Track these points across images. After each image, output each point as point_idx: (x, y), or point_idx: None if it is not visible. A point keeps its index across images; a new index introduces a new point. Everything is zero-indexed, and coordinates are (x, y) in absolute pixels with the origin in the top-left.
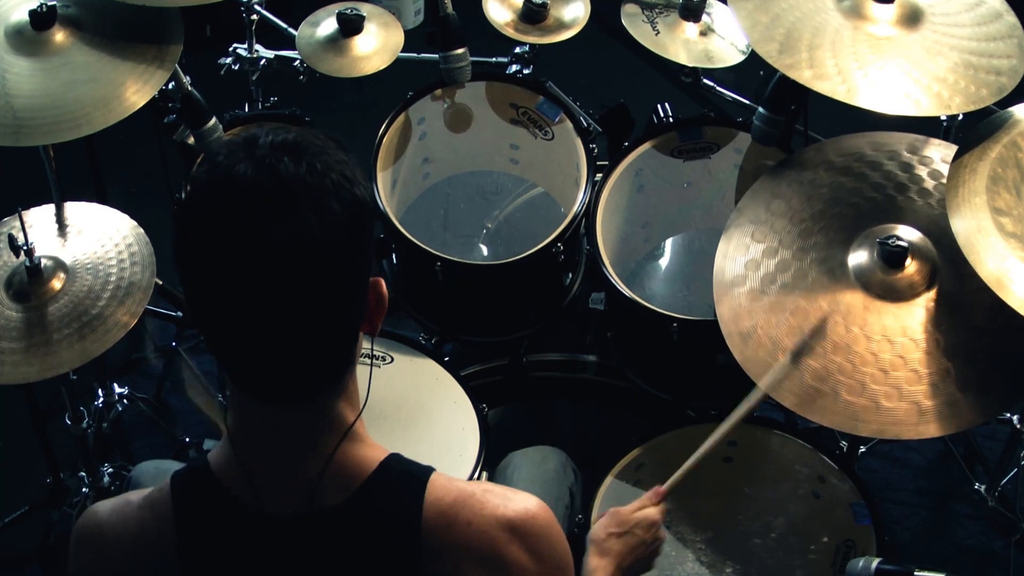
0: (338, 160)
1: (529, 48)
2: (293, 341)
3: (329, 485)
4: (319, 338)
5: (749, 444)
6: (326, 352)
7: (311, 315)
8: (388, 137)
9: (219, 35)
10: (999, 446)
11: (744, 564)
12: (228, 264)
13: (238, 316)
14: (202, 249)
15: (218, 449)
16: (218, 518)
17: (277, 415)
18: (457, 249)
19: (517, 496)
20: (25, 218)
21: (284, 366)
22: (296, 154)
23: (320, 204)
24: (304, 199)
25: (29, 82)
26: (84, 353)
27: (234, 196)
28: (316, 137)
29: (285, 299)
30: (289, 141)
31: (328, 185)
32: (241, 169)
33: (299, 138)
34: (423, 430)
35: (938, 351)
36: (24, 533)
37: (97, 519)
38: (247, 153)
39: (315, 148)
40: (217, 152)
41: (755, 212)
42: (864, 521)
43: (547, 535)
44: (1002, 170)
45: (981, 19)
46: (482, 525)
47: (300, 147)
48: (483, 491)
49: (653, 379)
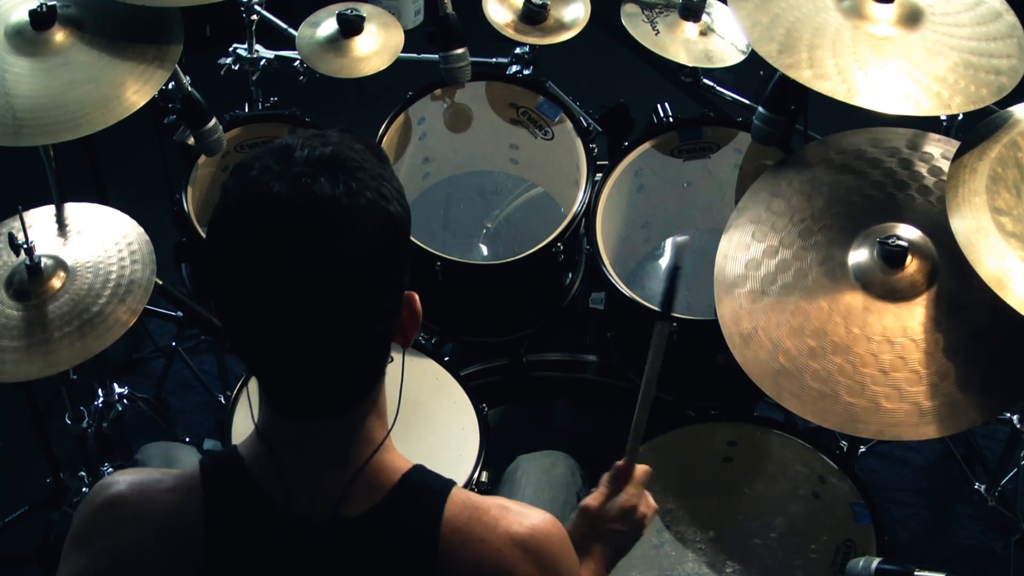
0: (374, 176)
1: (529, 48)
2: (324, 358)
3: (354, 495)
4: (352, 355)
5: (749, 444)
6: (359, 368)
7: (345, 334)
8: (388, 137)
9: (219, 35)
10: (999, 446)
11: (744, 564)
12: (262, 284)
13: (271, 335)
14: (235, 268)
15: (249, 442)
16: (247, 514)
17: (308, 426)
18: (457, 249)
19: (531, 513)
20: (25, 218)
21: (317, 383)
22: (332, 172)
23: (355, 226)
24: (339, 222)
25: (29, 82)
26: (84, 351)
27: (269, 218)
28: (352, 149)
29: (318, 320)
30: (326, 156)
31: (363, 204)
32: (276, 188)
33: (336, 152)
34: (423, 430)
35: (938, 351)
36: (24, 533)
37: (120, 492)
38: (283, 168)
39: (351, 163)
40: (250, 166)
41: (755, 212)
42: (864, 521)
43: (560, 553)
44: (1002, 170)
45: (981, 19)
46: (495, 542)
47: (336, 164)
48: (498, 507)
49: None
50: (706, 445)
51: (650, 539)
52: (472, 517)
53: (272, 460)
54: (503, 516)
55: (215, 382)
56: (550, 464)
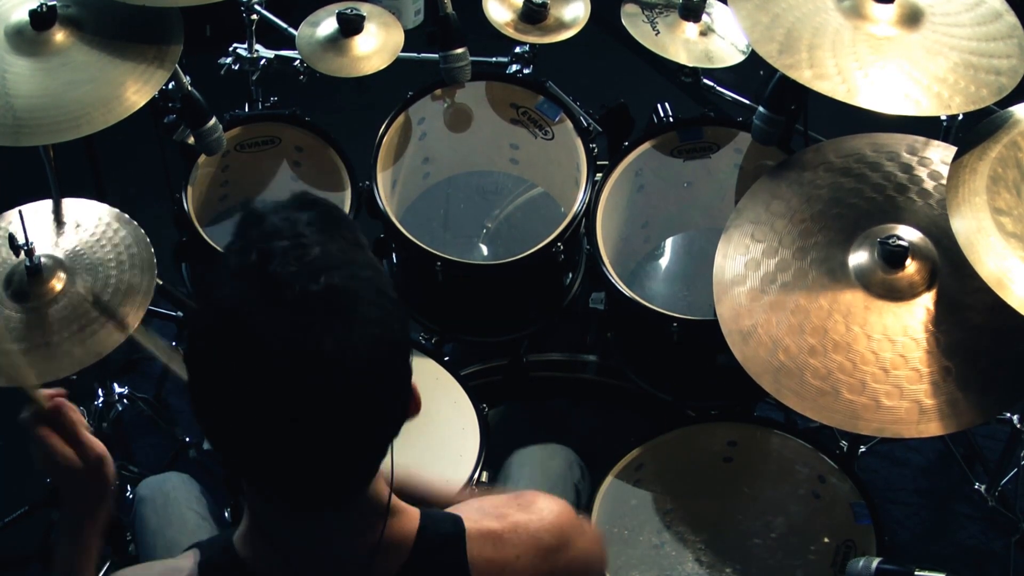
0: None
1: (529, 48)
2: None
3: (378, 566)
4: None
5: (749, 444)
6: (364, 463)
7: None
8: (388, 137)
9: (219, 35)
10: (999, 446)
11: (744, 564)
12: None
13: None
14: (227, 400)
15: (243, 536)
16: None
17: (315, 517)
18: (457, 249)
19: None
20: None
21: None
22: (330, 318)
23: (358, 374)
24: (344, 378)
25: (29, 82)
26: (84, 357)
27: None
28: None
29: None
30: (320, 295)
31: (367, 348)
32: (271, 344)
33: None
34: (423, 430)
35: (939, 350)
36: (24, 533)
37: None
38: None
39: (348, 298)
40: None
41: (755, 212)
42: (864, 521)
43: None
44: (1002, 170)
45: (981, 19)
46: (528, 551)
47: (332, 305)
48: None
49: (653, 379)
50: (706, 445)
51: (650, 539)
52: (498, 542)
53: (275, 552)
54: (521, 527)
55: None
56: (546, 457)
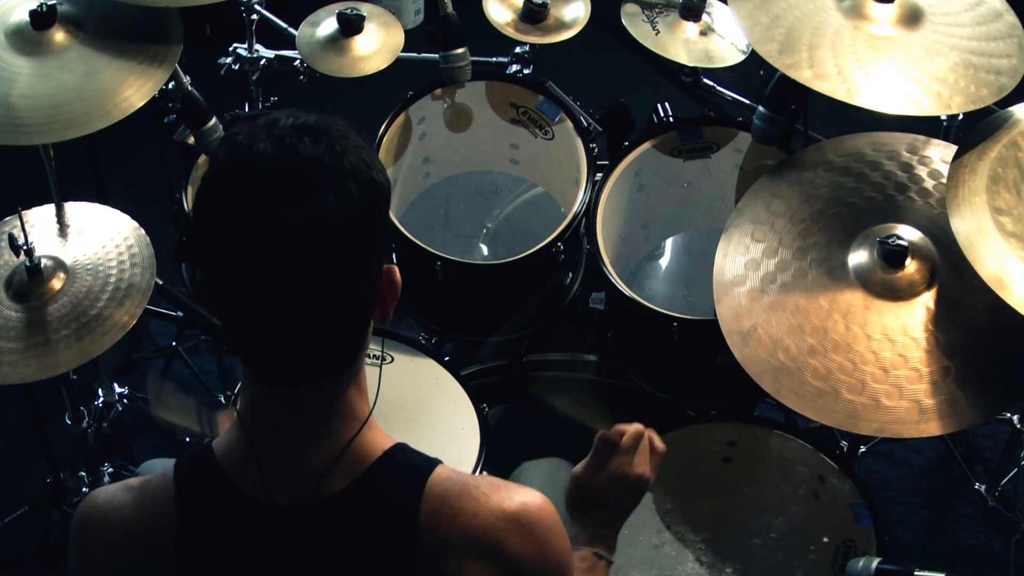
0: (357, 144)
1: (529, 48)
2: (305, 321)
3: (336, 473)
4: (331, 319)
5: (749, 444)
6: (338, 334)
7: (324, 296)
8: (388, 137)
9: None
10: (999, 446)
11: (744, 564)
12: (245, 241)
13: (252, 295)
14: (218, 227)
15: (224, 437)
16: (220, 506)
17: (288, 400)
18: (457, 249)
19: (523, 490)
20: (25, 218)
21: (296, 347)
22: (316, 135)
23: (338, 185)
24: (323, 179)
25: (29, 82)
26: (82, 354)
27: (252, 174)
28: (336, 122)
29: (299, 279)
30: (310, 123)
31: (347, 167)
32: (260, 148)
33: (320, 121)
34: (423, 430)
35: (938, 350)
36: (24, 533)
37: (96, 503)
38: (268, 133)
39: (336, 132)
40: (237, 132)
41: (755, 212)
42: (864, 521)
43: (552, 530)
44: (1002, 170)
45: (981, 19)
46: (487, 516)
47: (321, 129)
48: (488, 484)
49: (653, 379)
50: (706, 445)
51: (650, 539)
52: (463, 492)
53: (249, 447)
54: (494, 492)
55: (215, 382)
56: (554, 470)
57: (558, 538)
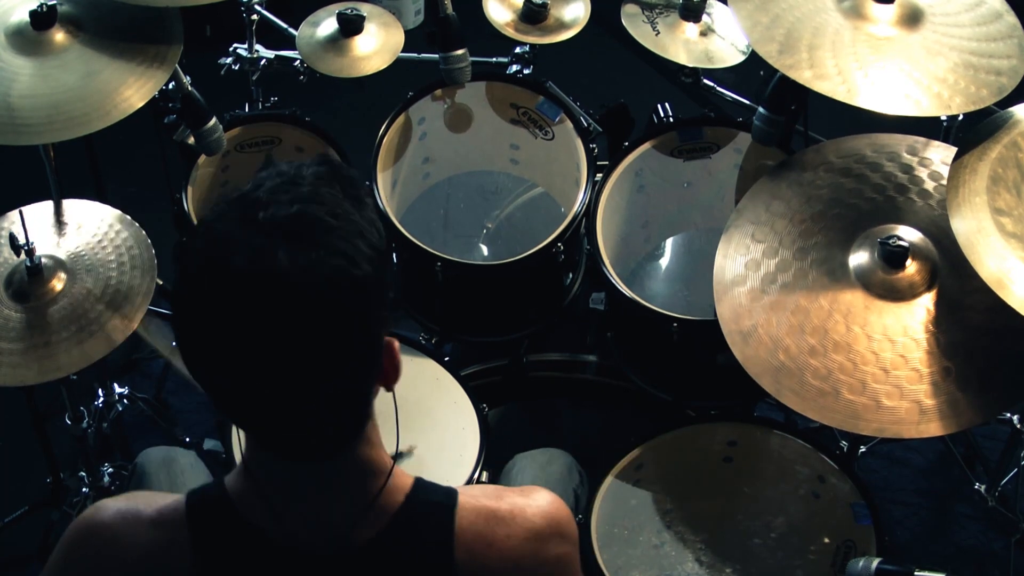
0: (344, 235)
1: (529, 48)
2: (303, 411)
3: (363, 524)
4: (331, 405)
5: (749, 444)
6: (339, 416)
7: (319, 390)
8: (388, 137)
9: (219, 35)
10: (999, 446)
11: (744, 564)
12: (228, 351)
13: (244, 392)
14: (202, 334)
15: (235, 478)
16: (240, 549)
17: (302, 468)
18: (457, 249)
19: (538, 496)
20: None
21: (297, 432)
22: (295, 240)
23: (318, 300)
24: (300, 299)
25: (29, 82)
26: (83, 357)
27: (230, 292)
28: (322, 201)
29: (289, 378)
30: (291, 219)
31: (328, 276)
32: (236, 262)
33: (302, 212)
34: (423, 430)
35: (939, 350)
36: (24, 533)
37: (106, 521)
38: (244, 234)
39: (319, 225)
40: (213, 224)
41: (755, 212)
42: (864, 521)
43: (570, 521)
44: (1002, 170)
45: (981, 19)
46: (521, 536)
47: (301, 228)
48: (509, 503)
49: (653, 379)
50: (706, 445)
51: (650, 539)
52: (490, 519)
53: (260, 496)
54: (517, 509)
55: None
56: (546, 461)
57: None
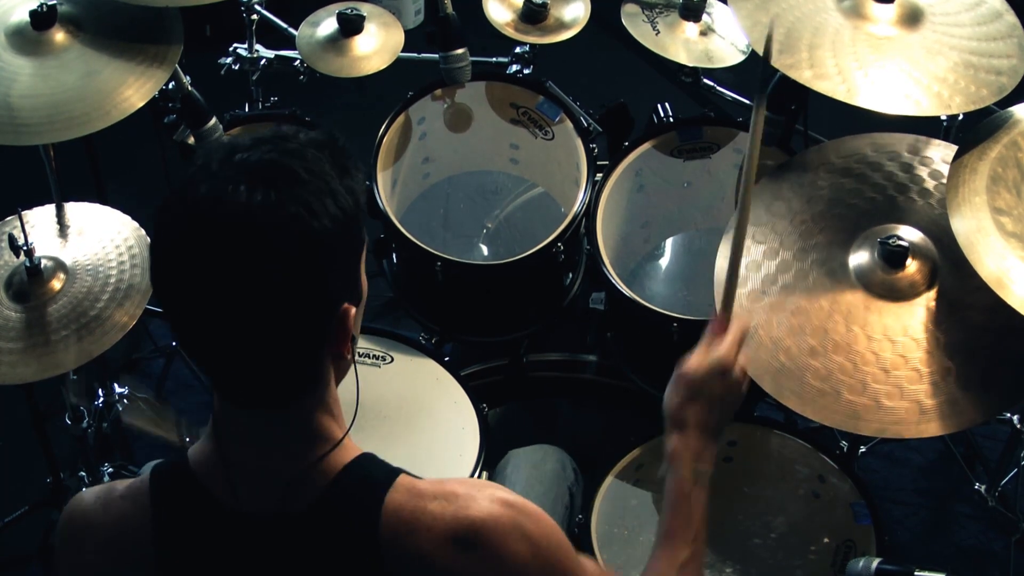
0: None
1: (529, 48)
2: (249, 356)
3: (301, 490)
4: (277, 354)
5: (749, 444)
6: (286, 366)
7: (263, 338)
8: (388, 137)
9: (219, 35)
10: (999, 446)
11: (744, 564)
12: (183, 280)
13: (199, 328)
14: (162, 261)
15: (198, 445)
16: (193, 513)
17: (253, 419)
18: (457, 249)
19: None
20: (25, 218)
21: (248, 376)
22: (259, 180)
23: (265, 241)
24: (248, 235)
25: (29, 82)
26: (82, 354)
27: (188, 221)
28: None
29: (235, 321)
30: (263, 163)
31: (282, 219)
32: (201, 190)
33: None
34: (423, 430)
35: (939, 350)
36: (24, 533)
37: (82, 506)
38: (218, 168)
39: (288, 173)
40: (200, 155)
41: (755, 213)
42: (864, 521)
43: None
44: (1002, 170)
45: (981, 19)
46: (440, 533)
47: (269, 172)
48: (445, 495)
49: (653, 379)
50: None
51: (650, 539)
52: (418, 507)
53: (220, 457)
54: (448, 506)
55: None
56: (540, 458)
57: (514, 551)
